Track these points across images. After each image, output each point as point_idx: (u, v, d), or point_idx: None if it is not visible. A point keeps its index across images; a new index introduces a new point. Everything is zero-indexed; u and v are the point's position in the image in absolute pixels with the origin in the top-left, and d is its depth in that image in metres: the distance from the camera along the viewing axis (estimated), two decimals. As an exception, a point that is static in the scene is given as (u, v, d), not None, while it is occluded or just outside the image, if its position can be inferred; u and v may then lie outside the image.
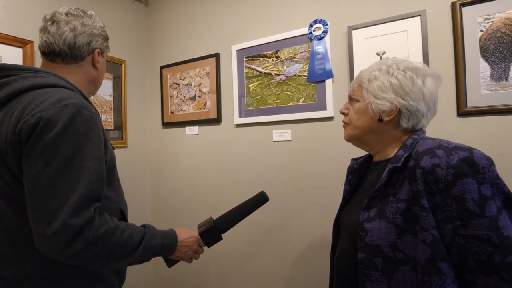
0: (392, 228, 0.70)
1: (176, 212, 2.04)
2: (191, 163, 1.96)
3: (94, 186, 0.71)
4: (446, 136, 1.25)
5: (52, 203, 0.66)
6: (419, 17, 1.29)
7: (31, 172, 0.68)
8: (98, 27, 0.93)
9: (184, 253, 0.93)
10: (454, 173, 0.64)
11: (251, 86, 1.70)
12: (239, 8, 1.77)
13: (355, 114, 0.85)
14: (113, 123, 1.93)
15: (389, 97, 0.78)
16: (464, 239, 0.63)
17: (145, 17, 2.19)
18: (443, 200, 0.65)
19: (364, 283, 0.73)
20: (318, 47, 1.50)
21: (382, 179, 0.75)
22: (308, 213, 1.54)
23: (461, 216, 0.64)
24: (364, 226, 0.74)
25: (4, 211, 0.77)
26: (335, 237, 0.97)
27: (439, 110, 1.25)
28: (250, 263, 1.73)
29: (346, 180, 0.98)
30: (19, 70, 0.79)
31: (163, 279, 2.08)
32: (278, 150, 1.63)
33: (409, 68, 0.79)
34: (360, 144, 0.90)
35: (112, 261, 0.74)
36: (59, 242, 0.65)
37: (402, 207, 0.70)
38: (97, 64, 0.93)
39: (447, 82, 1.25)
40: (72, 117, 0.70)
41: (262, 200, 1.04)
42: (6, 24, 1.46)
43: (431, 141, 0.74)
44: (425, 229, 0.65)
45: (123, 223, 0.79)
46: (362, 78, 0.85)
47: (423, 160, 0.69)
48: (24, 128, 0.68)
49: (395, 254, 0.70)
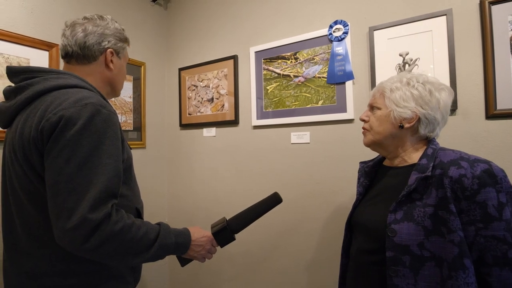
0: (420, 229, 0.78)
1: (192, 212, 2.05)
2: (208, 164, 1.97)
3: (111, 183, 0.73)
4: (475, 139, 1.20)
5: (72, 198, 0.68)
6: (444, 17, 1.24)
7: (52, 168, 0.70)
8: (112, 28, 0.94)
9: (197, 252, 0.95)
10: (478, 182, 0.75)
11: (269, 88, 1.69)
12: (257, 10, 1.77)
13: (376, 121, 0.93)
14: (133, 124, 1.96)
15: (410, 106, 0.87)
16: (485, 239, 0.75)
17: (164, 20, 2.22)
18: (468, 206, 0.75)
19: (392, 278, 0.80)
20: (338, 48, 1.47)
21: (410, 186, 0.82)
22: (327, 216, 1.51)
23: (483, 219, 0.75)
24: (392, 227, 0.81)
25: (26, 207, 0.79)
26: (347, 236, 1.05)
27: (467, 113, 1.22)
28: (264, 264, 1.71)
29: (358, 182, 1.06)
30: (42, 72, 0.82)
31: (177, 279, 2.09)
32: (296, 153, 1.61)
33: (427, 81, 0.89)
34: (379, 149, 0.98)
35: (128, 257, 0.76)
36: (78, 236, 0.67)
37: (430, 211, 0.79)
38: (110, 64, 0.94)
39: (474, 84, 1.20)
40: (92, 116, 0.73)
41: (275, 201, 1.04)
42: (34, 28, 1.51)
43: (451, 152, 0.84)
44: (453, 231, 0.75)
45: (139, 220, 0.81)
46: (384, 88, 0.93)
47: (450, 170, 0.79)
48: (46, 126, 0.71)
49: (422, 252, 0.78)
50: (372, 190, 1.01)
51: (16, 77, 0.83)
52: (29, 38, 1.48)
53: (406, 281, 0.78)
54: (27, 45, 1.47)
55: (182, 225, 2.07)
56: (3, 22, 1.41)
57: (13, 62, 1.42)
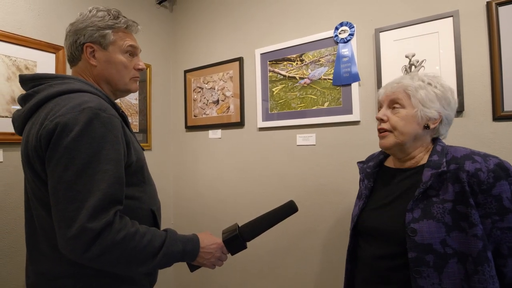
0: (441, 226, 0.78)
1: (198, 214, 2.05)
2: (213, 166, 1.97)
3: (113, 189, 0.71)
4: (482, 141, 1.20)
5: (71, 206, 0.67)
6: (451, 18, 1.25)
7: (53, 176, 0.70)
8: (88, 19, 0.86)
9: (207, 260, 0.91)
10: (494, 176, 0.77)
11: (274, 89, 1.69)
12: (263, 12, 1.78)
13: (401, 121, 0.88)
14: (138, 126, 1.97)
15: (436, 106, 0.87)
16: (501, 231, 0.76)
17: (170, 22, 2.23)
18: (484, 199, 0.76)
19: (417, 280, 0.78)
20: (344, 50, 1.47)
21: (427, 182, 0.81)
22: (333, 218, 1.51)
23: (499, 212, 0.76)
24: (412, 226, 0.80)
25: (40, 212, 0.80)
26: (352, 242, 1.01)
27: (473, 114, 1.22)
28: (274, 270, 1.71)
29: (362, 184, 1.03)
30: (48, 79, 0.82)
31: (185, 284, 2.09)
32: (302, 154, 1.61)
33: (443, 83, 0.90)
34: (397, 151, 0.93)
35: (132, 265, 0.74)
36: (79, 246, 0.67)
37: (448, 207, 0.78)
38: (91, 60, 0.87)
39: (481, 85, 1.20)
40: (89, 121, 0.71)
41: (291, 210, 1.00)
42: (41, 31, 1.52)
43: (461, 148, 0.85)
44: (475, 225, 0.75)
45: (144, 227, 0.79)
46: (407, 86, 0.88)
47: (466, 164, 0.79)
48: (43, 133, 0.71)
49: (445, 249, 0.77)
50: (378, 192, 0.97)
51: (26, 85, 0.83)
52: (35, 41, 1.48)
53: (430, 281, 0.77)
54: (33, 47, 1.48)
55: (188, 227, 2.09)
56: (10, 24, 1.42)
57: (20, 65, 1.43)
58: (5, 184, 1.39)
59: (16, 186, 1.40)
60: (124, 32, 0.91)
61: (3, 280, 1.36)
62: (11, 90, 1.41)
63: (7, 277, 1.37)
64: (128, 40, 0.91)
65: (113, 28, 0.87)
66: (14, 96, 1.41)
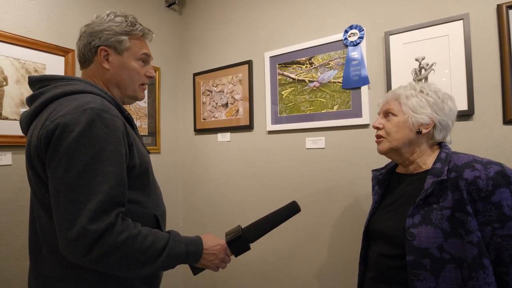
0: (439, 232, 0.81)
1: (206, 217, 2.04)
2: (222, 170, 1.97)
3: (115, 191, 0.70)
4: (492, 144, 1.20)
5: (72, 208, 0.66)
6: (461, 21, 1.25)
7: (54, 178, 0.69)
8: (106, 23, 0.86)
9: (210, 261, 0.89)
10: (493, 184, 0.78)
11: (284, 93, 1.70)
12: (272, 15, 1.78)
13: (394, 127, 0.95)
14: (147, 129, 1.97)
15: (427, 112, 0.91)
16: (501, 238, 0.77)
17: (179, 25, 2.24)
18: (483, 207, 0.78)
19: (414, 282, 0.81)
20: (353, 53, 1.48)
21: (427, 190, 0.85)
22: (342, 222, 1.51)
23: (499, 219, 0.77)
24: (411, 231, 0.84)
25: (41, 214, 0.79)
26: (364, 245, 1.06)
27: (483, 118, 1.22)
28: (280, 273, 1.70)
29: (373, 191, 1.08)
30: (54, 80, 0.81)
31: (190, 286, 2.07)
32: (311, 158, 1.61)
33: (437, 90, 0.94)
34: (395, 156, 0.99)
35: (134, 267, 0.73)
36: (80, 248, 0.66)
37: (447, 214, 0.81)
38: (104, 63, 0.87)
39: (492, 89, 1.21)
40: (91, 121, 0.70)
41: (293, 210, 1.00)
42: (50, 34, 1.52)
43: (464, 156, 0.87)
44: (471, 232, 0.77)
45: (146, 229, 0.78)
46: (399, 95, 0.95)
47: (465, 172, 0.82)
48: (44, 134, 0.70)
49: (442, 254, 0.80)
50: (388, 197, 1.02)
51: (33, 86, 0.83)
52: (45, 44, 1.48)
53: (427, 284, 0.80)
54: (43, 50, 1.48)
55: (196, 231, 2.09)
56: (20, 28, 1.42)
57: (29, 68, 1.43)
58: (14, 187, 1.38)
59: (25, 189, 1.39)
60: (139, 39, 0.92)
61: (10, 283, 1.35)
62: (20, 93, 1.40)
63: (15, 279, 1.36)
64: (143, 48, 0.93)
65: (129, 35, 0.89)
66: (23, 99, 1.41)
